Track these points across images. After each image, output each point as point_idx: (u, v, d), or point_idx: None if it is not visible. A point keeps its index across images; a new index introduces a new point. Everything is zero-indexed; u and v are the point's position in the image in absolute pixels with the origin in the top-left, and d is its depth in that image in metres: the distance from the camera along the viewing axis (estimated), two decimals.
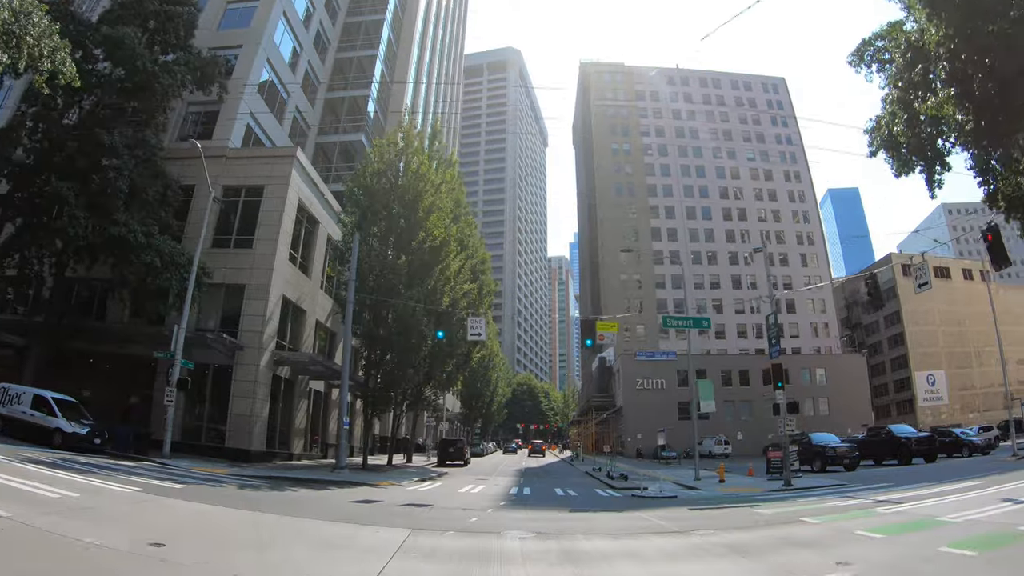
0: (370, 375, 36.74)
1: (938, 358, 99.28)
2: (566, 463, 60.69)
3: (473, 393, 79.71)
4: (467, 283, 43.42)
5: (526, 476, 38.99)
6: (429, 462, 48.81)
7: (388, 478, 29.50)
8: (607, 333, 30.63)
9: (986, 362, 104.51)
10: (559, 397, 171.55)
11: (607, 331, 31.08)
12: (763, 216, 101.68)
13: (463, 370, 50.10)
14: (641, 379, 77.04)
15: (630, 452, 73.95)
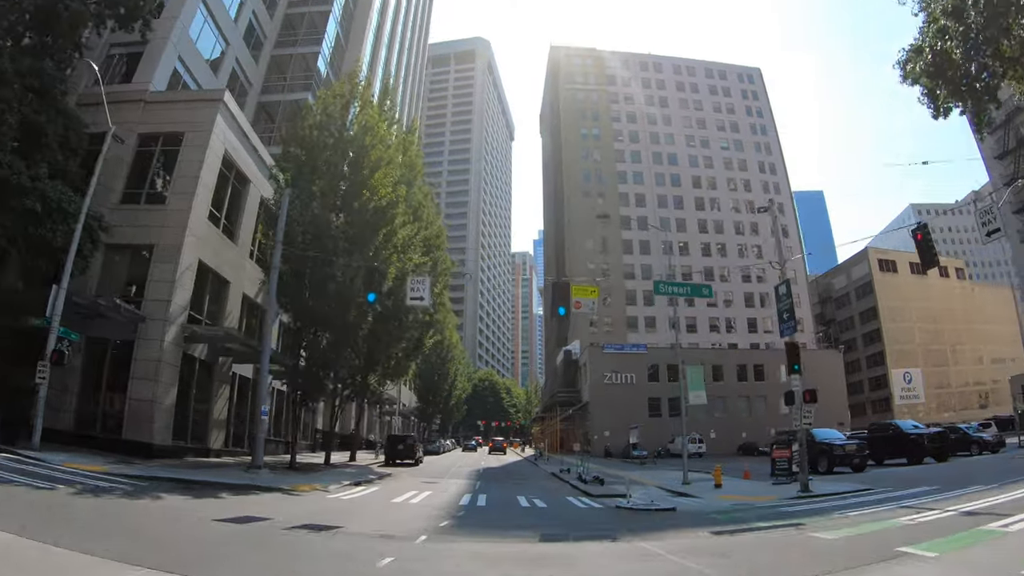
0: (299, 356, 30.73)
1: (915, 355, 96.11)
2: (529, 463, 55.25)
3: (429, 386, 73.96)
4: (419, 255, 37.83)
5: (484, 479, 33.34)
6: (376, 461, 43.04)
7: (314, 481, 23.76)
8: (585, 300, 24.72)
9: (961, 360, 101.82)
10: (522, 394, 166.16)
11: (584, 297, 25.31)
12: (737, 206, 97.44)
13: (414, 357, 44.25)
14: (609, 373, 71.96)
15: (598, 451, 68.79)
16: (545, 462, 51.74)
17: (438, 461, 50.99)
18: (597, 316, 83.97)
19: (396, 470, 36.73)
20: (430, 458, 54.99)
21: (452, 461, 52.19)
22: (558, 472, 36.91)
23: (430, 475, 33.84)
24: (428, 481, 28.82)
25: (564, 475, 34.51)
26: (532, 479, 34.71)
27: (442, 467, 42.20)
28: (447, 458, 57.94)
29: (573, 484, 28.83)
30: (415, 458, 41.92)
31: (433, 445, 65.78)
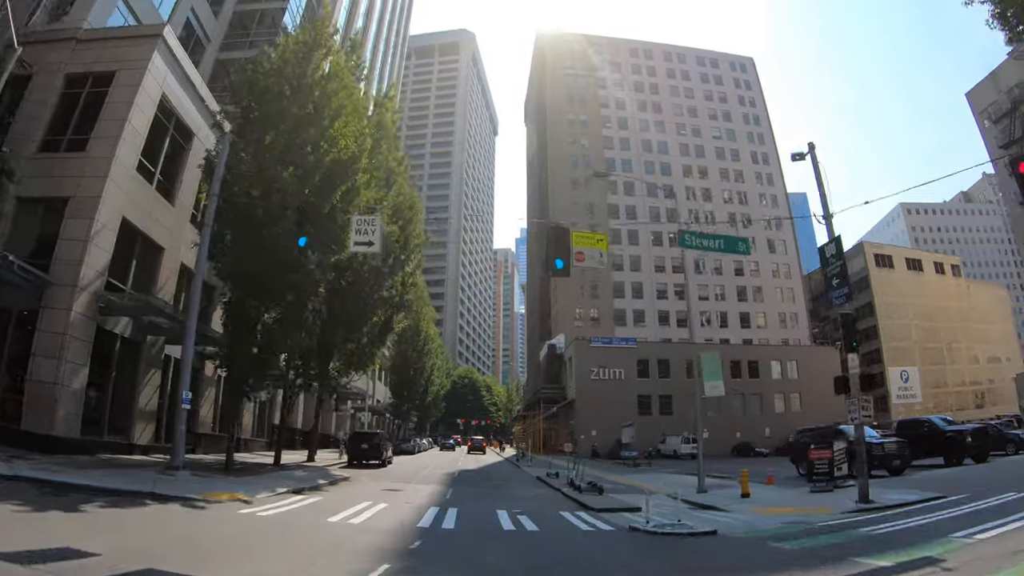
0: (235, 334, 25.36)
1: (911, 353, 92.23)
2: (511, 464, 50.18)
3: (404, 381, 68.72)
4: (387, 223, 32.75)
5: (458, 484, 28.09)
6: (339, 462, 37.80)
7: (243, 487, 18.42)
8: (591, 252, 19.51)
9: (957, 359, 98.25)
10: (502, 392, 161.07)
11: (589, 247, 20.10)
12: (729, 197, 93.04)
13: (380, 343, 38.89)
14: (596, 368, 67.05)
15: (584, 451, 63.77)
16: (528, 463, 46.70)
17: (410, 462, 45.79)
18: (583, 309, 79.18)
19: (358, 472, 31.62)
20: (402, 459, 49.85)
21: (426, 462, 47.03)
22: (545, 476, 31.97)
23: (396, 479, 28.64)
24: (390, 488, 23.65)
25: (552, 480, 29.62)
26: (515, 485, 29.66)
27: (412, 469, 37.01)
28: (421, 458, 52.74)
29: (566, 493, 23.85)
30: (382, 458, 36.75)
31: (407, 444, 60.54)
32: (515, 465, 46.99)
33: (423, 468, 38.51)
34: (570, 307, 79.03)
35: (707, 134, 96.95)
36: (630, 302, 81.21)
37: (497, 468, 43.92)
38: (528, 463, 46.80)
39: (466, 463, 47.63)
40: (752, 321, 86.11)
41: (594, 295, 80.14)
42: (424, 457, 55.46)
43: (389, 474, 31.77)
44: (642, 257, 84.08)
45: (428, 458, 54.15)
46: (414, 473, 33.07)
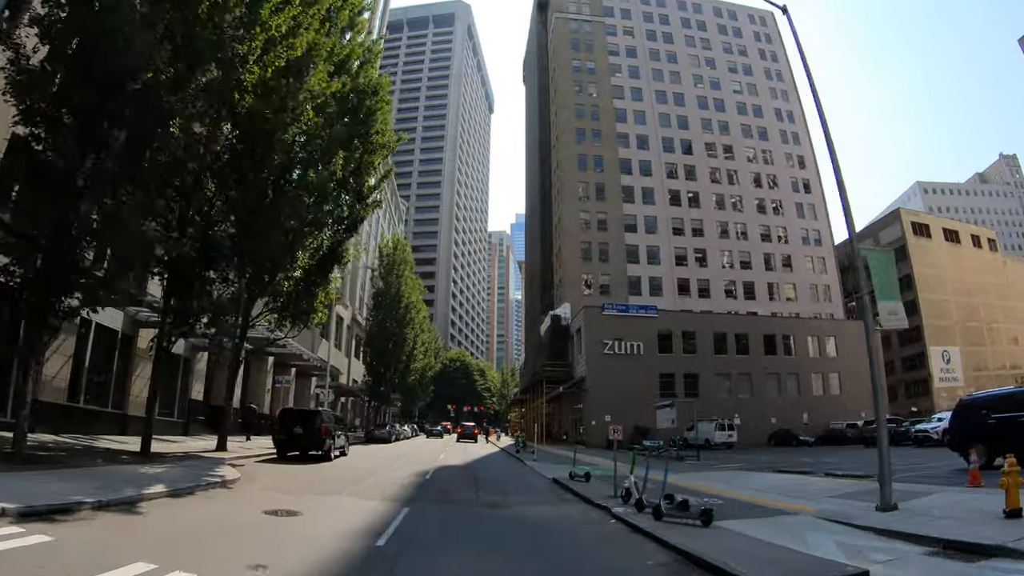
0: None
1: (951, 333, 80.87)
2: (509, 456, 38.12)
3: (382, 354, 56.41)
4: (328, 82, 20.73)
5: (422, 499, 15.23)
6: (266, 452, 25.57)
7: None
8: None
9: (997, 339, 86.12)
10: (497, 377, 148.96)
11: None
12: (753, 156, 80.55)
13: (322, 280, 26.05)
14: (610, 341, 54.91)
15: (596, 440, 51.94)
16: (532, 456, 34.58)
17: (375, 454, 33.46)
18: (592, 275, 66.90)
19: (271, 470, 19.61)
20: (368, 449, 37.78)
21: (397, 453, 34.66)
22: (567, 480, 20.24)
23: (320, 485, 16.51)
24: (278, 511, 11.54)
25: (580, 486, 18.61)
26: (521, 496, 17.67)
27: (368, 466, 24.72)
28: (394, 448, 40.40)
29: (626, 519, 12.25)
30: (323, 448, 24.50)
31: (381, 431, 48.13)
32: (515, 458, 34.76)
33: (389, 463, 26.31)
34: (576, 273, 66.81)
35: (727, 87, 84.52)
36: (645, 268, 69.03)
37: (491, 463, 31.72)
38: (532, 455, 34.65)
39: (451, 455, 35.38)
40: (780, 292, 74.01)
41: (604, 259, 67.91)
42: (400, 447, 43.14)
43: (320, 474, 19.64)
44: (658, 218, 71.86)
45: (404, 448, 41.83)
46: (365, 474, 20.75)
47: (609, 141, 74.61)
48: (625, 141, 75.39)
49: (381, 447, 40.60)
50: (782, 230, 77.19)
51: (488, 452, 42.36)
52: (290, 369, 46.89)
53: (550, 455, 36.15)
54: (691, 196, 74.86)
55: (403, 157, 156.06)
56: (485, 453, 40.62)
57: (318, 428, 24.59)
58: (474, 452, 40.96)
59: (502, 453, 41.15)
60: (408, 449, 40.15)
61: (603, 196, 70.94)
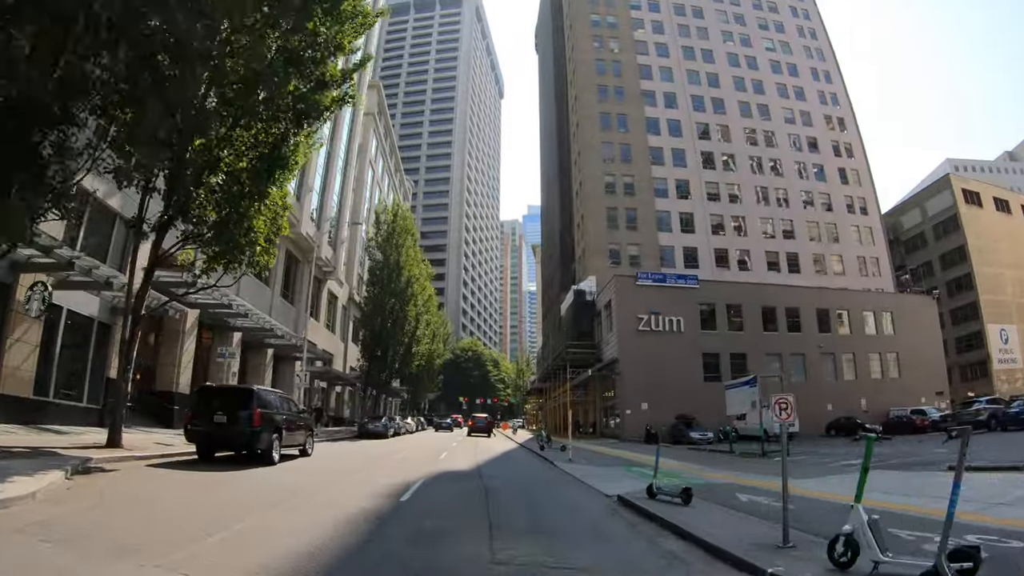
0: None
1: (1008, 309, 71.51)
2: (531, 454, 29.45)
3: (376, 332, 47.64)
4: None
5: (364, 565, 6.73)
6: (181, 452, 16.89)
7: None
8: None
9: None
10: (511, 368, 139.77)
11: None
12: (791, 117, 71.29)
13: (258, 193, 16.83)
14: (646, 316, 46.04)
15: (631, 432, 43.26)
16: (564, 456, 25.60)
17: (354, 453, 24.81)
18: (619, 244, 57.92)
19: (128, 487, 10.72)
20: (354, 446, 29.22)
21: (384, 452, 25.79)
22: (642, 500, 11.57)
23: (168, 527, 7.65)
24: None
25: (681, 515, 8.98)
26: (576, 539, 8.51)
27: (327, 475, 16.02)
28: (386, 446, 31.41)
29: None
30: (258, 446, 15.95)
31: (375, 424, 39.20)
32: (541, 458, 25.90)
33: (354, 471, 17.46)
34: (601, 242, 57.79)
35: (758, 45, 75.20)
36: (678, 237, 59.94)
37: (510, 466, 22.76)
38: (565, 455, 25.70)
39: (456, 455, 26.52)
40: (827, 265, 64.80)
41: (632, 226, 58.92)
42: (396, 443, 34.29)
43: (224, 490, 11.04)
44: (691, 182, 62.78)
45: (400, 444, 32.94)
46: (289, 494, 11.87)
47: (634, 99, 65.56)
48: (651, 99, 66.31)
49: (370, 444, 31.85)
50: (825, 197, 67.99)
51: (504, 449, 33.49)
52: (266, 351, 38.31)
53: (586, 453, 27.39)
54: (726, 159, 65.76)
55: (411, 141, 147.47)
56: (501, 450, 31.78)
57: (248, 417, 15.91)
58: (487, 449, 32.12)
59: (522, 451, 32.28)
60: (404, 446, 31.30)
61: (629, 158, 61.97)
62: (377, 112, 69.52)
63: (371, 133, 66.57)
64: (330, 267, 48.44)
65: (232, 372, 33.41)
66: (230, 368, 30.10)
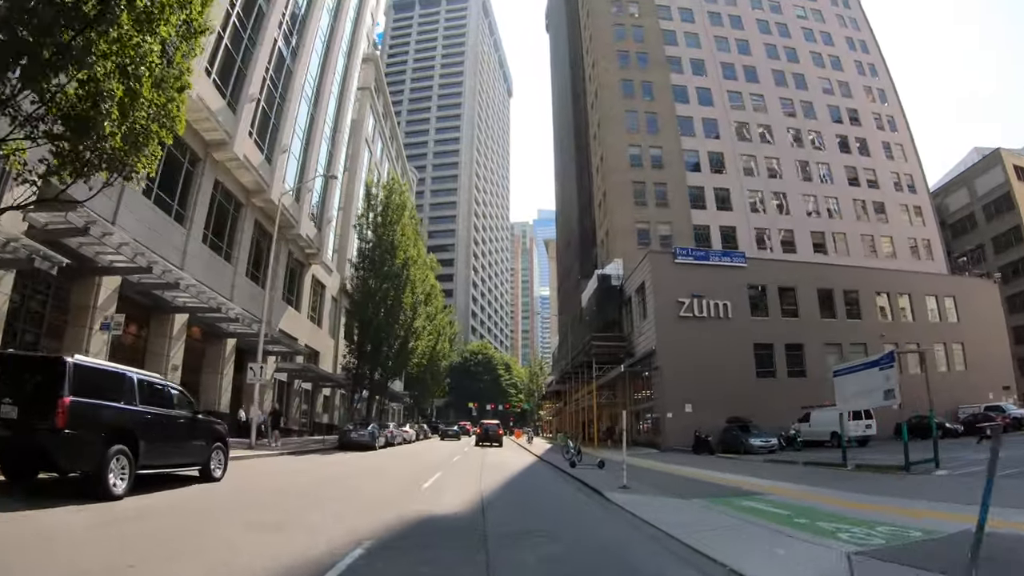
0: None
1: None
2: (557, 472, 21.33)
3: (366, 322, 39.16)
4: None
5: None
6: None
7: None
8: None
9: None
10: (524, 373, 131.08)
11: None
12: (828, 87, 63.13)
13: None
14: (687, 300, 37.75)
15: (673, 439, 35.10)
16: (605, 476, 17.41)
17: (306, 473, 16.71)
18: (648, 223, 49.78)
19: None
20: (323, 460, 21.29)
21: (348, 472, 17.54)
22: None
23: None
24: None
25: None
26: None
27: (202, 519, 8.02)
28: (364, 461, 22.90)
29: None
30: (85, 466, 8.39)
31: (360, 432, 30.79)
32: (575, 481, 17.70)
33: (268, 508, 9.39)
34: (627, 221, 49.62)
35: (790, 12, 67.02)
36: (714, 215, 51.72)
37: (540, 504, 14.09)
38: (606, 475, 17.42)
39: (451, 478, 18.17)
40: (878, 247, 56.47)
41: (662, 203, 50.76)
42: (378, 458, 25.92)
43: None
44: (725, 155, 54.63)
45: (383, 460, 24.57)
46: None
47: (658, 66, 57.44)
48: (677, 65, 58.17)
49: (345, 458, 23.65)
50: (871, 173, 59.78)
51: (521, 464, 25.14)
52: (224, 341, 30.42)
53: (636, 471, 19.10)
54: (762, 130, 57.54)
55: (418, 139, 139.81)
56: (516, 467, 23.44)
57: (50, 409, 8.00)
58: (497, 465, 23.84)
59: (545, 468, 24.00)
60: (386, 462, 22.97)
61: (655, 128, 53.85)
62: (375, 88, 61.79)
63: (367, 109, 58.81)
64: (314, 248, 40.51)
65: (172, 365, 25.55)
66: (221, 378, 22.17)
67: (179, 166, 27.08)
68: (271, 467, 17.59)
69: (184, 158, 27.25)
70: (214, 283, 29.06)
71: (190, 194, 27.73)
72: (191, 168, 27.85)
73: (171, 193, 26.29)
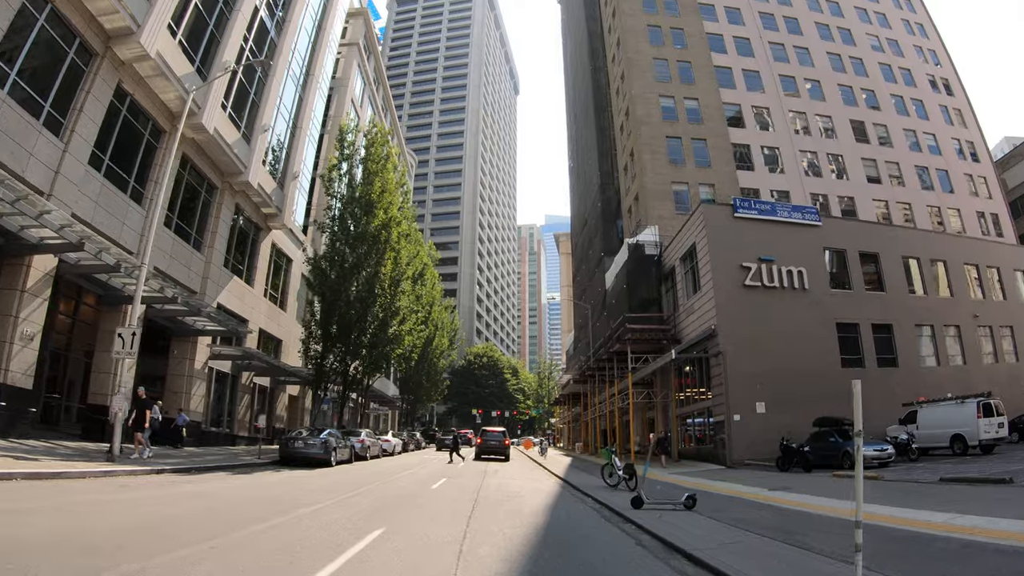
0: None
1: None
2: (606, 523, 11.49)
3: (331, 300, 28.55)
4: None
5: None
6: None
7: None
8: None
9: None
10: (532, 379, 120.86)
11: None
12: (877, 44, 53.55)
13: None
14: (754, 265, 27.97)
15: (742, 451, 25.38)
16: (703, 532, 7.59)
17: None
18: (686, 184, 40.09)
19: None
20: (203, 487, 11.43)
21: (143, 536, 8.09)
22: None
23: None
24: None
25: None
26: None
27: None
28: (262, 491, 13.46)
29: None
30: None
31: (311, 442, 20.71)
32: (665, 548, 7.90)
33: None
34: (662, 181, 39.80)
35: None
36: (764, 177, 41.97)
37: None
38: (701, 527, 7.71)
39: (411, 532, 8.50)
40: (946, 219, 46.75)
41: (701, 161, 41.02)
42: (320, 480, 16.27)
43: None
44: (771, 110, 45.00)
45: (318, 485, 14.84)
46: None
47: (690, 13, 47.77)
48: (711, 13, 48.47)
49: (261, 483, 14.05)
50: (931, 138, 50.17)
51: (540, 502, 15.06)
52: (122, 308, 21.17)
53: (742, 512, 9.37)
54: (810, 85, 47.93)
55: (421, 132, 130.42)
56: (532, 506, 13.48)
57: None
58: (502, 500, 13.95)
59: (583, 509, 14.14)
60: (312, 494, 13.13)
61: (690, 78, 44.20)
62: (364, 47, 52.55)
63: (354, 68, 49.59)
64: (272, 207, 31.00)
65: (24, 333, 16.34)
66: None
67: (61, 55, 18.06)
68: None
69: (69, 47, 18.27)
70: (112, 228, 19.82)
71: (76, 97, 18.62)
72: (79, 63, 18.69)
73: (41, 89, 17.33)
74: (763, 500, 13.72)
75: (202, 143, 25.15)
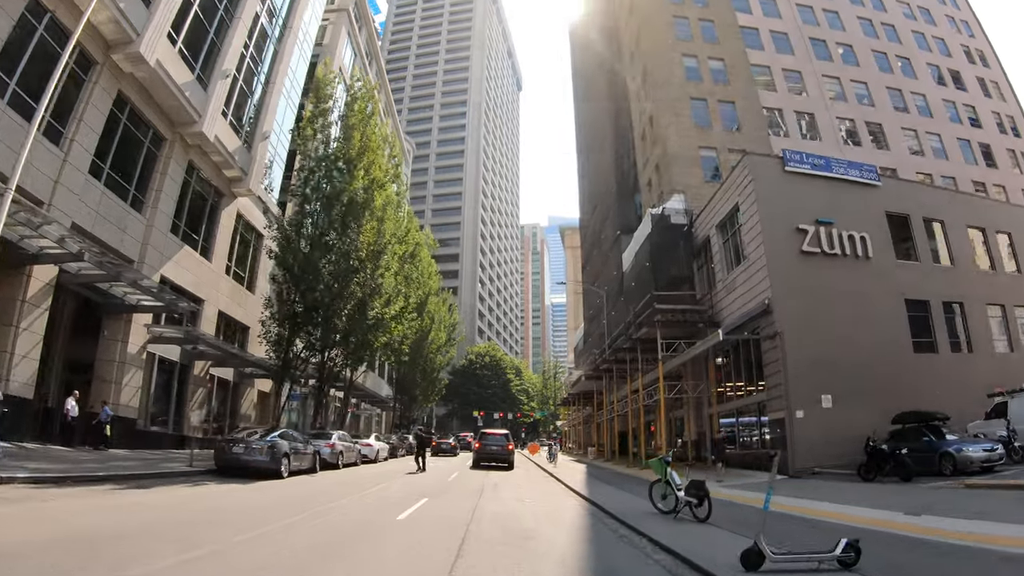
0: None
1: None
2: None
3: (297, 272, 23.33)
4: None
5: None
6: None
7: None
8: None
9: None
10: (536, 380, 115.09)
11: None
12: (908, 12, 48.34)
13: None
14: (811, 228, 22.66)
15: (807, 457, 20.05)
16: None
17: None
18: (715, 149, 34.87)
19: None
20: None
21: None
22: None
23: None
24: None
25: None
26: None
27: None
28: (141, 531, 8.49)
29: None
30: None
31: (252, 448, 15.27)
32: None
33: None
34: (689, 145, 34.38)
35: None
36: (797, 143, 36.58)
37: None
38: None
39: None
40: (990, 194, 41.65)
41: (730, 126, 35.79)
42: (248, 500, 11.34)
43: None
44: (803, 73, 39.79)
45: (197, 519, 9.97)
46: None
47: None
48: None
49: (104, 505, 8.90)
50: (971, 110, 45.15)
51: (563, 549, 9.96)
52: (25, 271, 15.87)
53: None
54: (843, 50, 42.77)
55: (421, 126, 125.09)
56: (557, 570, 8.40)
57: None
58: (501, 551, 8.73)
59: (614, 541, 8.91)
60: (158, 542, 8.14)
61: (713, 37, 38.97)
62: (354, 14, 47.47)
63: (343, 35, 44.50)
64: (235, 169, 25.84)
65: None
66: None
67: None
68: None
69: None
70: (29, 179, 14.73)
71: None
72: None
73: None
74: (914, 533, 8.56)
75: (144, 81, 20.09)
